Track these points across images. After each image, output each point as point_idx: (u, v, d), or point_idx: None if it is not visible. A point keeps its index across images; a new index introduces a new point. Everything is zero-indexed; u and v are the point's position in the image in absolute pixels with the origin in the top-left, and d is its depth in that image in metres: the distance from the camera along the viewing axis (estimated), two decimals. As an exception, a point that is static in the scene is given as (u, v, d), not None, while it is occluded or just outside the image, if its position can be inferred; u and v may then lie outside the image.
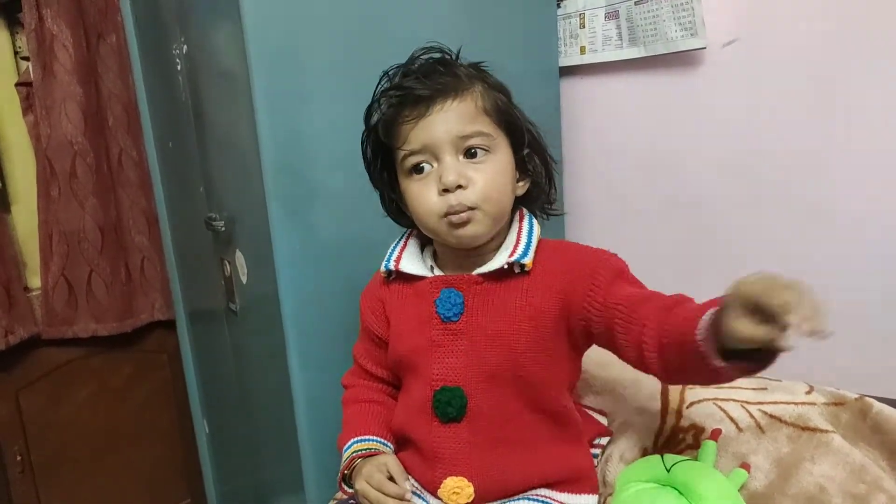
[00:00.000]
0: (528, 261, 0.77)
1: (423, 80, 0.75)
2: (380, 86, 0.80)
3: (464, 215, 0.75)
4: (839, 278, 1.15)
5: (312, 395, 1.08)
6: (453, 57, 0.80)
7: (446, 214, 0.76)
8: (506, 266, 0.78)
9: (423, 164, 0.76)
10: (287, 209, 1.03)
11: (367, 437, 0.86)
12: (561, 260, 0.79)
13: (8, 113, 1.58)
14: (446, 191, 0.74)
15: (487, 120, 0.76)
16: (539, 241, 0.81)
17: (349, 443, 0.86)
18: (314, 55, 1.04)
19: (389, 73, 0.80)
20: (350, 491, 0.84)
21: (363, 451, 0.84)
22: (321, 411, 1.08)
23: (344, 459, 0.85)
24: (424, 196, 0.76)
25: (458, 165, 0.75)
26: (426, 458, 0.81)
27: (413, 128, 0.75)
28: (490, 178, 0.75)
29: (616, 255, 0.80)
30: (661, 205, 1.36)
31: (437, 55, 0.79)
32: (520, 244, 0.79)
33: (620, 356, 0.76)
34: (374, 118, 0.80)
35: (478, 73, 0.79)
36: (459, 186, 0.74)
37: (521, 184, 0.81)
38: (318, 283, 1.06)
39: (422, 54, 0.79)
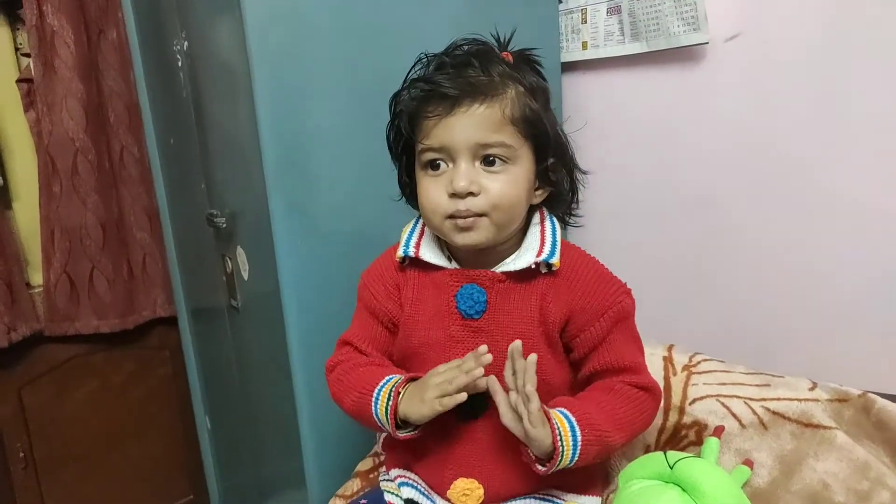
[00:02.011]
0: (555, 260, 0.77)
1: (454, 76, 0.72)
2: (413, 71, 0.78)
3: (469, 220, 0.74)
4: (843, 274, 1.15)
5: (314, 391, 1.07)
6: (495, 50, 0.77)
7: (452, 216, 0.75)
8: (533, 266, 0.77)
9: (440, 162, 0.75)
10: (288, 205, 1.03)
11: (397, 375, 0.79)
12: (582, 278, 0.79)
13: (9, 109, 1.58)
14: (456, 195, 0.73)
15: (512, 130, 0.73)
16: (562, 243, 0.80)
17: (381, 382, 0.78)
18: (315, 50, 1.03)
19: (424, 59, 0.78)
20: (405, 435, 0.76)
21: (402, 381, 0.77)
22: (322, 407, 1.08)
23: (382, 397, 0.76)
24: (434, 194, 0.75)
25: (472, 172, 0.73)
26: (437, 458, 0.80)
27: (435, 125, 0.74)
28: (503, 189, 0.73)
29: (629, 293, 0.81)
30: (664, 200, 1.36)
31: (475, 47, 0.76)
32: (545, 244, 0.78)
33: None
34: (401, 106, 0.78)
35: (516, 72, 0.75)
36: (470, 193, 0.73)
37: (538, 192, 0.79)
38: (319, 278, 1.06)
39: (462, 44, 0.76)
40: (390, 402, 0.75)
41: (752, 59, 1.19)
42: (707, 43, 1.21)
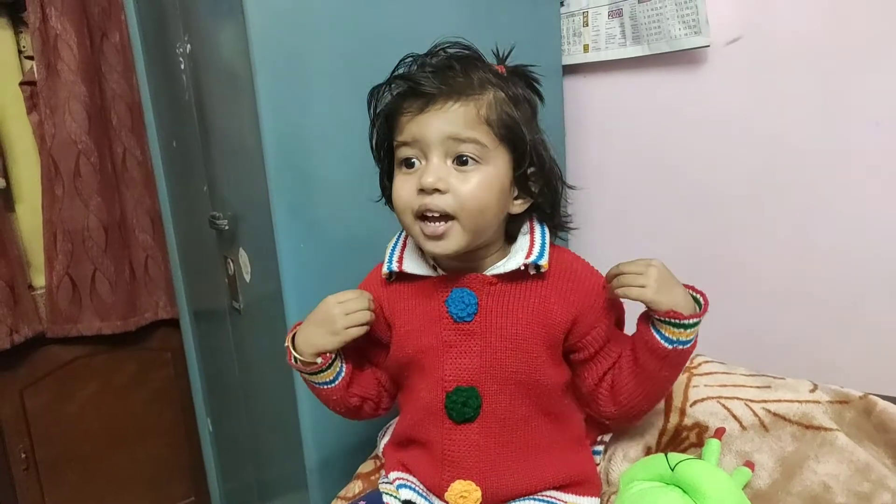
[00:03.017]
0: (544, 262, 0.77)
1: (433, 76, 0.73)
2: (396, 70, 0.78)
3: (440, 229, 0.73)
4: (845, 275, 1.15)
5: (316, 393, 1.08)
6: (479, 56, 0.77)
7: (421, 216, 0.74)
8: (522, 268, 0.77)
9: (414, 160, 0.75)
10: (290, 207, 1.03)
11: None
12: (578, 277, 0.79)
13: (12, 112, 1.58)
14: (423, 191, 0.73)
15: (486, 130, 0.72)
16: (550, 247, 0.80)
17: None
18: (317, 53, 1.04)
19: (408, 60, 0.78)
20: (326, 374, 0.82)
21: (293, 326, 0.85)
22: (324, 409, 1.08)
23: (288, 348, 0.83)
24: (403, 190, 0.75)
25: (443, 169, 0.73)
26: (434, 461, 0.81)
27: (409, 121, 0.74)
28: (473, 189, 0.72)
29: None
30: (665, 203, 1.36)
31: (460, 51, 0.76)
32: (534, 246, 0.78)
33: (577, 384, 0.84)
34: (379, 103, 0.79)
35: (499, 80, 0.75)
36: (437, 190, 0.72)
37: (518, 202, 0.78)
38: (321, 280, 1.06)
39: (446, 47, 0.76)
40: (290, 344, 0.82)
41: (754, 63, 1.19)
42: (708, 46, 1.21)
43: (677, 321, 0.73)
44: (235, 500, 1.65)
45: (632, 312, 0.82)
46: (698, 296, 0.77)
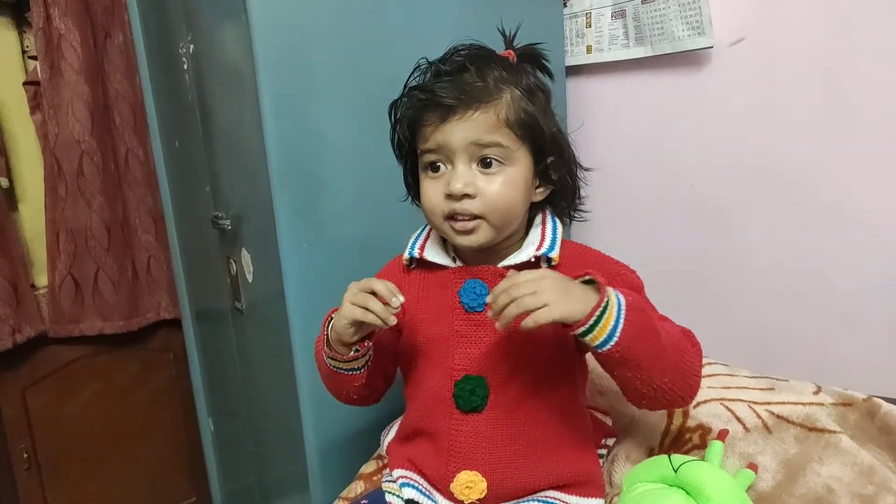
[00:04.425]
0: (555, 254, 0.79)
1: (450, 85, 0.75)
2: (412, 77, 0.81)
3: (469, 225, 0.77)
4: (848, 277, 1.15)
5: (317, 393, 1.07)
6: (493, 53, 0.79)
7: (450, 217, 0.77)
8: (533, 259, 0.79)
9: (439, 164, 0.78)
10: (293, 208, 1.03)
11: None
12: (581, 263, 0.80)
13: (16, 112, 1.59)
14: (452, 196, 0.76)
15: (508, 132, 0.75)
16: (562, 240, 0.81)
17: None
18: (320, 54, 1.04)
19: (424, 65, 0.80)
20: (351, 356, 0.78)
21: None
22: (326, 410, 1.08)
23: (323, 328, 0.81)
24: (432, 194, 0.78)
25: (469, 174, 0.76)
26: (441, 451, 0.81)
27: (433, 131, 0.76)
28: (499, 190, 0.76)
29: (634, 272, 0.81)
30: (668, 204, 1.36)
31: (472, 51, 0.78)
32: (545, 239, 0.81)
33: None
34: (400, 112, 0.81)
35: (514, 74, 0.77)
36: (466, 196, 0.75)
37: (539, 190, 0.81)
38: (323, 281, 1.07)
39: (461, 50, 0.78)
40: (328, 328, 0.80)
41: (757, 64, 1.19)
42: (712, 47, 1.21)
43: (584, 328, 0.66)
44: (237, 501, 1.65)
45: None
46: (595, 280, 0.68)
